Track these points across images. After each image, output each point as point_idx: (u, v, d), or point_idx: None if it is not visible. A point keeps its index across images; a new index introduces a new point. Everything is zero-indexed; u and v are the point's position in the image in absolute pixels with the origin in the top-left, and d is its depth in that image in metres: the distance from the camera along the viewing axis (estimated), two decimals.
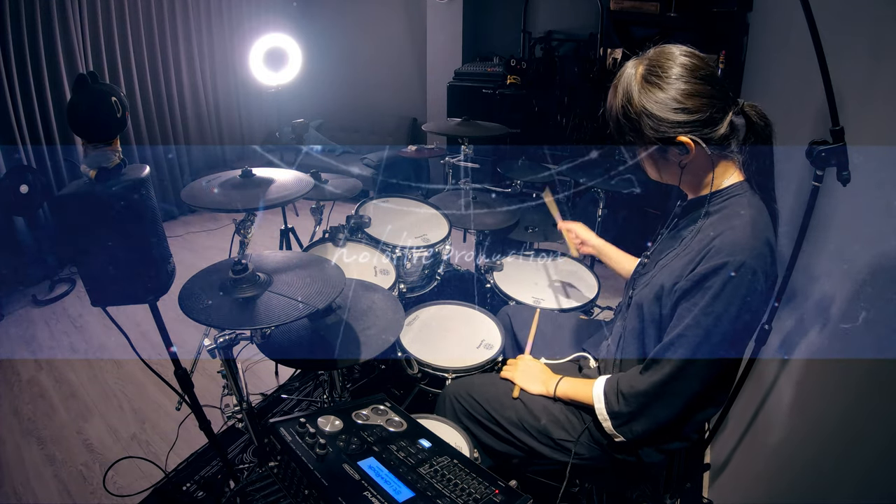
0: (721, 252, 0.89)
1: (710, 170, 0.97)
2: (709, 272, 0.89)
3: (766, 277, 0.89)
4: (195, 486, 1.71)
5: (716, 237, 0.91)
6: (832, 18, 1.08)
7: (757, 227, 0.90)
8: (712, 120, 0.91)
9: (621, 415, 1.01)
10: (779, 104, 1.65)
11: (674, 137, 0.92)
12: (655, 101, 0.91)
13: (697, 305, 0.91)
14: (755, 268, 0.87)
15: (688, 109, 0.90)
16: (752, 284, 0.87)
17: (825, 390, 1.03)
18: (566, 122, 3.46)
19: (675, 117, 0.90)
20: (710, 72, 0.91)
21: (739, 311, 0.88)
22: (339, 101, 5.13)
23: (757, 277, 0.87)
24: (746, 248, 0.88)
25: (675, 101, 0.90)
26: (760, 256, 0.88)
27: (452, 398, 1.29)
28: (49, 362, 2.40)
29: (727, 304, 0.88)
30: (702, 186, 1.01)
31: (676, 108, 0.90)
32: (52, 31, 3.09)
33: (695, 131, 0.91)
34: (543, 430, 1.15)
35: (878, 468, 0.79)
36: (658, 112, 0.91)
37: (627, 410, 1.00)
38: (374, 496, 0.75)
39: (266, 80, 2.56)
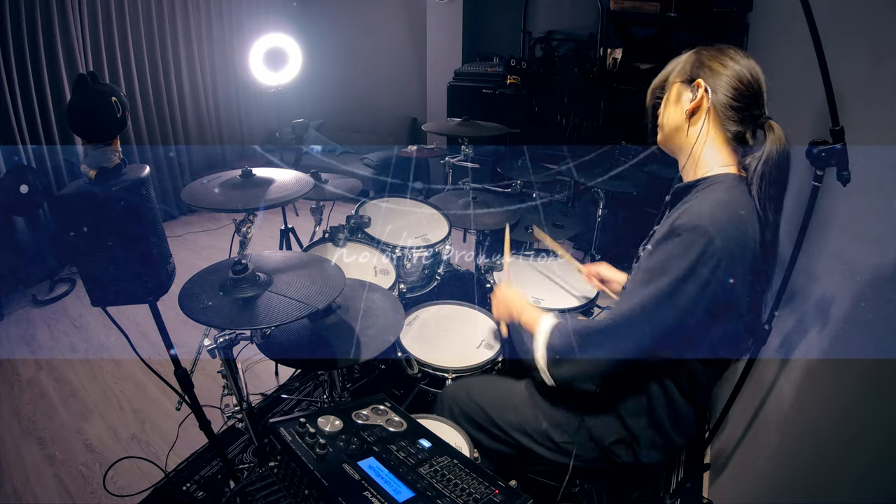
0: (682, 219, 0.89)
1: (711, 148, 0.99)
2: (666, 234, 0.90)
3: (727, 255, 0.84)
4: (195, 486, 1.71)
5: (685, 210, 0.92)
6: (832, 18, 1.08)
7: (729, 207, 0.89)
8: (730, 104, 0.94)
9: (553, 347, 1.02)
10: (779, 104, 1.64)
11: (694, 79, 0.97)
12: (714, 68, 0.96)
13: (646, 262, 0.91)
14: (713, 235, 0.84)
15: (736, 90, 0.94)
16: (706, 250, 0.84)
17: (825, 390, 1.03)
18: (566, 122, 3.46)
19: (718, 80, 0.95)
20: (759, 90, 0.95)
21: (686, 274, 0.85)
22: (339, 101, 5.13)
23: (713, 245, 0.83)
24: (708, 216, 0.87)
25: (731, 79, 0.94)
26: (720, 228, 0.85)
27: (451, 400, 1.28)
28: (49, 362, 2.40)
29: (673, 256, 0.87)
30: (696, 167, 1.02)
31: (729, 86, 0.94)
32: (52, 31, 3.09)
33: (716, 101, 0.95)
34: (544, 433, 1.15)
35: (877, 468, 0.79)
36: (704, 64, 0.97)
37: (559, 345, 1.01)
38: (374, 496, 0.75)
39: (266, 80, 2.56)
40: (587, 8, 3.47)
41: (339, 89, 5.11)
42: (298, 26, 4.87)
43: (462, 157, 2.32)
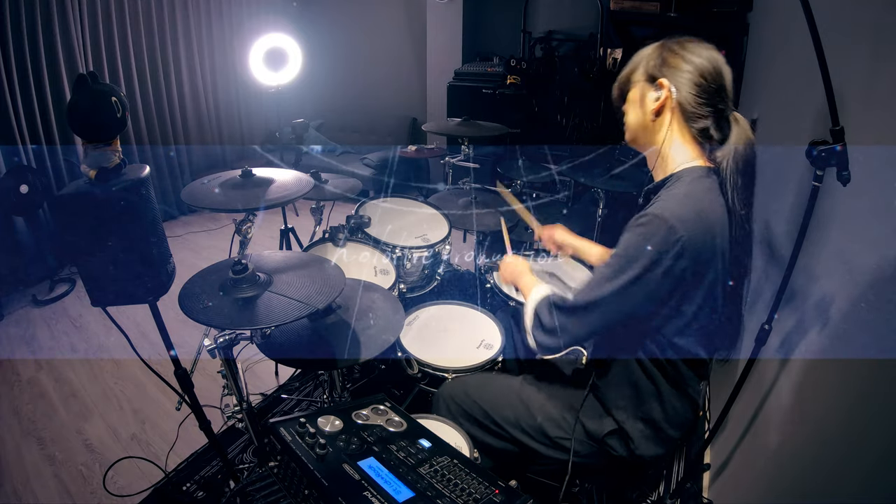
0: (648, 209, 0.94)
1: (678, 145, 1.01)
2: (630, 224, 0.94)
3: (689, 243, 0.89)
4: (195, 486, 1.71)
5: (651, 203, 0.96)
6: (832, 18, 1.08)
7: (690, 198, 0.93)
8: (696, 99, 0.96)
9: (538, 320, 1.06)
10: (779, 104, 1.64)
11: (657, 77, 0.98)
12: (676, 64, 0.97)
13: (616, 249, 0.96)
14: (673, 224, 0.88)
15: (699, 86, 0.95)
16: (667, 233, 0.88)
17: (825, 390, 1.03)
18: (566, 122, 3.46)
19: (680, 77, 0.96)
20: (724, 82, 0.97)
21: (647, 254, 0.89)
22: (339, 101, 5.13)
23: (673, 229, 0.88)
24: (669, 207, 0.91)
25: (693, 75, 0.95)
26: (680, 218, 0.89)
27: (448, 398, 1.29)
28: (49, 362, 2.40)
29: (635, 243, 0.92)
30: (664, 163, 1.04)
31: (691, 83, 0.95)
32: (52, 31, 3.08)
33: (680, 98, 0.97)
34: (539, 428, 1.15)
35: (879, 469, 0.79)
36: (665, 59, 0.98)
37: (544, 313, 1.05)
38: (374, 496, 0.75)
39: (266, 80, 2.55)
40: (587, 8, 3.47)
41: (339, 89, 5.11)
42: (298, 26, 4.87)
43: (462, 157, 2.32)
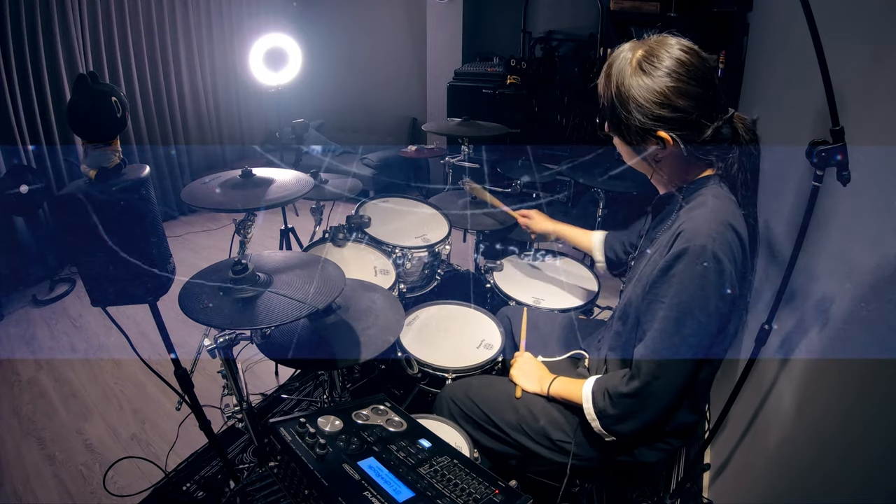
0: (682, 239, 0.90)
1: (685, 169, 0.98)
2: (671, 260, 0.90)
3: (732, 262, 0.88)
4: (195, 486, 1.71)
5: (680, 228, 0.92)
6: (832, 19, 1.08)
7: (718, 213, 0.90)
8: (697, 124, 0.91)
9: (608, 415, 1.01)
10: (779, 104, 1.64)
11: (654, 130, 0.92)
12: (644, 89, 0.90)
13: (666, 298, 0.91)
14: (716, 251, 0.86)
15: (673, 106, 0.89)
16: (718, 268, 0.86)
17: (825, 390, 1.03)
18: (566, 122, 3.46)
19: (659, 111, 0.90)
20: (705, 73, 0.91)
21: (707, 298, 0.87)
22: (339, 101, 5.13)
23: (721, 262, 0.86)
24: (705, 231, 0.88)
25: (661, 94, 0.89)
26: (721, 239, 0.87)
27: (450, 400, 1.28)
28: (49, 362, 2.40)
29: (693, 292, 0.88)
30: (671, 183, 1.02)
31: (662, 103, 0.89)
32: (52, 31, 3.08)
33: (675, 130, 0.91)
34: (542, 431, 1.15)
35: (879, 469, 0.79)
36: (644, 102, 0.91)
37: (614, 413, 1.00)
38: (374, 496, 0.75)
39: (266, 80, 2.56)
40: (587, 8, 3.47)
41: (338, 89, 5.11)
42: (298, 26, 4.87)
43: (462, 157, 2.32)
